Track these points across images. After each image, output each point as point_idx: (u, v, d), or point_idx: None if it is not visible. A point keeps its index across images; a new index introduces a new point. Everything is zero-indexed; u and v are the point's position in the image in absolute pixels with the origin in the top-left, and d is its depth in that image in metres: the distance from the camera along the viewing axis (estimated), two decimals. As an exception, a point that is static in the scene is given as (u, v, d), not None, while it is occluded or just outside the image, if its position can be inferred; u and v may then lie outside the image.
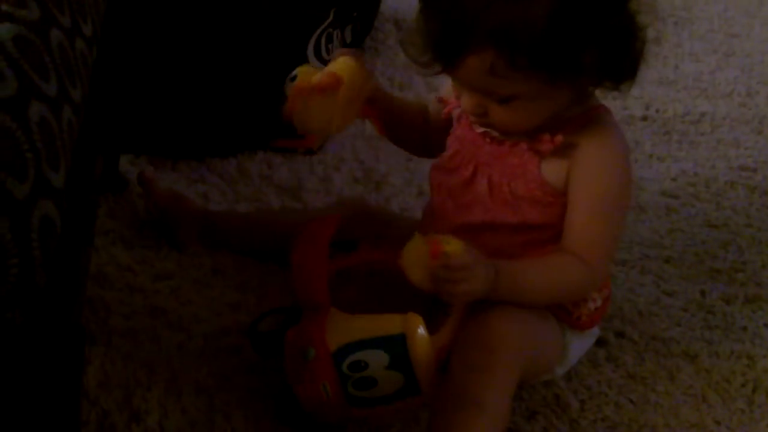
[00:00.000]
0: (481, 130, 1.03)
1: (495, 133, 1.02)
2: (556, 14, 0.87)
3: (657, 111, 1.68)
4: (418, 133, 1.14)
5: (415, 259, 0.93)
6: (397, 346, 0.91)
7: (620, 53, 0.91)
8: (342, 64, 1.03)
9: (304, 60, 1.53)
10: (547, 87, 0.92)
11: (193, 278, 1.22)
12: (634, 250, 1.32)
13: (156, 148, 1.46)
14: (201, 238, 1.26)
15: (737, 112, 1.70)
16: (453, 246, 0.92)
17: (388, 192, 1.43)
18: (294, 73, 1.03)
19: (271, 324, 1.03)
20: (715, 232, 1.38)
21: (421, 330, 0.92)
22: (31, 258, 0.62)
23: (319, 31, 1.56)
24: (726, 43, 1.99)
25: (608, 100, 1.03)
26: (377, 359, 0.92)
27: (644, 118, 1.66)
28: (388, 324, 0.93)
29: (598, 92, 1.01)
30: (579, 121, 0.99)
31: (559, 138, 0.97)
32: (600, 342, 1.14)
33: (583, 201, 0.99)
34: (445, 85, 1.08)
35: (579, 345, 1.09)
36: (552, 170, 0.99)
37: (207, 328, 1.14)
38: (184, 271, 1.23)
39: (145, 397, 1.04)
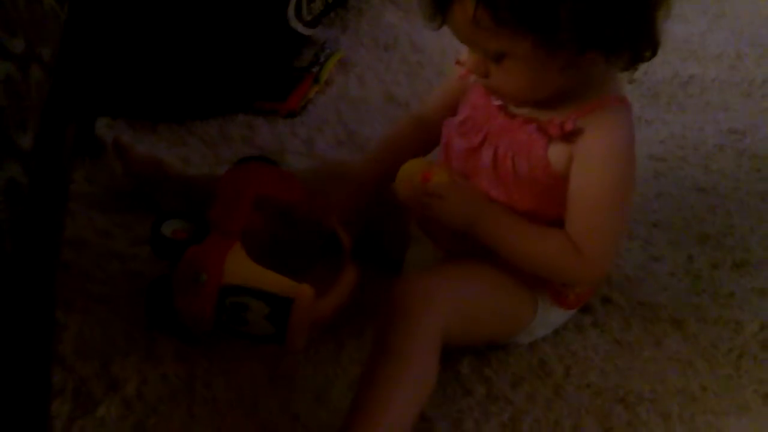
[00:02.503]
0: (497, 102, 1.01)
1: (510, 108, 1.00)
2: None
3: (645, 73, 1.65)
4: (425, 143, 1.14)
5: (406, 177, 1.03)
6: (282, 306, 0.98)
7: (606, 20, 0.87)
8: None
9: (284, 22, 1.50)
10: (538, 50, 0.89)
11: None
12: (621, 215, 1.30)
13: (135, 110, 1.43)
14: (180, 203, 1.23)
15: (726, 75, 1.68)
16: (439, 177, 1.02)
17: (371, 155, 1.40)
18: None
19: (176, 230, 1.08)
20: (703, 195, 1.36)
21: (308, 302, 0.99)
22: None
23: (301, -10, 1.53)
24: (716, 4, 1.96)
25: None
26: (259, 309, 0.99)
27: (632, 81, 1.63)
28: (282, 284, 1.00)
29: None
30: (590, 108, 0.96)
31: (570, 125, 0.95)
32: (586, 308, 1.13)
33: (584, 193, 0.98)
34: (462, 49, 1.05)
35: (554, 319, 1.09)
36: (557, 153, 0.97)
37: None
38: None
39: (123, 365, 1.03)
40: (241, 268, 1.01)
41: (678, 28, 1.83)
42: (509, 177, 0.99)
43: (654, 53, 0.94)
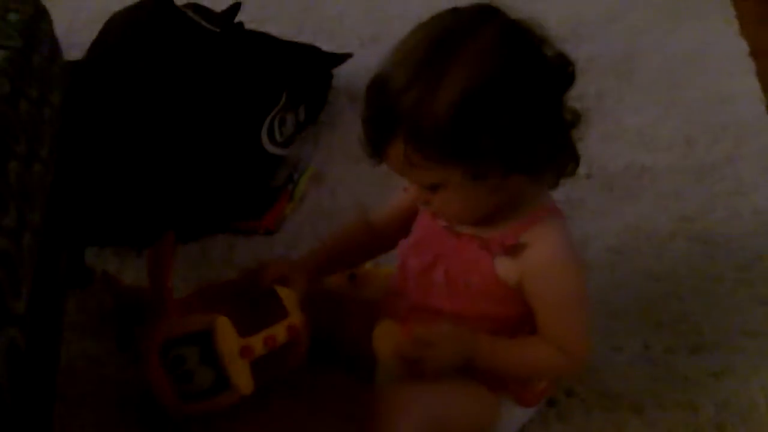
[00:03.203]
0: (443, 223, 1.09)
1: (455, 227, 1.08)
2: (455, 108, 0.92)
3: (600, 168, 1.73)
4: (371, 247, 1.23)
5: (386, 338, 1.07)
6: (205, 340, 1.07)
7: (525, 146, 0.95)
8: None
9: (258, 145, 1.60)
10: (467, 178, 0.97)
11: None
12: (581, 308, 1.38)
13: (120, 238, 1.52)
14: None
15: (678, 162, 1.75)
16: (419, 328, 1.05)
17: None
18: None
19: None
20: (657, 283, 1.43)
21: (225, 328, 1.08)
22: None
23: (272, 114, 1.63)
24: (668, 91, 2.03)
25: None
26: (192, 354, 1.08)
27: (588, 176, 1.70)
28: (199, 322, 1.09)
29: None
30: (527, 223, 1.05)
31: (510, 241, 1.04)
32: (550, 401, 1.20)
33: (546, 302, 1.05)
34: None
35: (519, 417, 1.16)
36: (505, 268, 1.05)
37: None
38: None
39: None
40: (169, 325, 1.12)
41: (631, 120, 1.90)
42: (462, 291, 1.07)
43: (576, 166, 1.03)
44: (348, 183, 1.70)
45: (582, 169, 1.65)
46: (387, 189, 1.65)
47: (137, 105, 1.49)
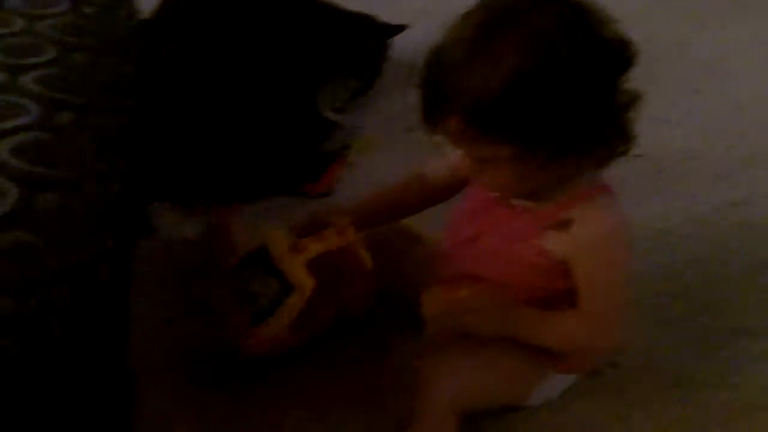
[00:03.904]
0: (495, 194, 1.11)
1: (506, 199, 1.10)
2: (511, 85, 0.94)
3: (651, 148, 1.74)
4: (421, 199, 1.26)
5: (432, 301, 1.10)
6: (262, 255, 1.15)
7: (576, 128, 0.97)
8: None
9: (315, 110, 1.64)
10: (517, 155, 0.99)
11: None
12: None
13: (180, 196, 1.56)
14: None
15: (727, 150, 1.75)
16: (464, 292, 1.09)
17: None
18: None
19: None
20: (703, 267, 1.45)
21: (276, 235, 1.16)
22: (88, 315, 0.73)
23: (329, 80, 1.67)
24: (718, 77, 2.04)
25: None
26: (255, 273, 1.16)
27: (636, 157, 1.72)
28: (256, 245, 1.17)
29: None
30: (578, 199, 1.07)
31: (560, 215, 1.06)
32: (595, 372, 1.23)
33: (593, 278, 1.08)
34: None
35: (559, 383, 1.19)
36: (553, 241, 1.07)
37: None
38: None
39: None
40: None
41: (684, 103, 1.91)
42: (510, 262, 1.10)
43: (628, 149, 1.04)
44: (400, 150, 1.72)
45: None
46: (438, 157, 1.72)
47: (200, 68, 1.53)
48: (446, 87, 0.98)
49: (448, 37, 1.00)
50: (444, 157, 1.23)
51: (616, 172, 1.09)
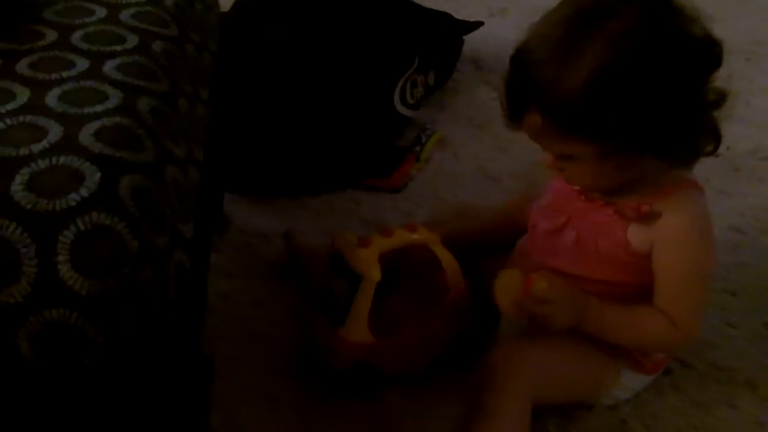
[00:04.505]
0: (577, 188, 1.12)
1: (589, 192, 1.11)
2: (593, 83, 0.94)
3: (727, 148, 1.73)
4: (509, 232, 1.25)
5: (506, 290, 1.09)
6: (336, 260, 1.16)
7: (655, 127, 0.97)
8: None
9: (390, 105, 1.65)
10: (597, 152, 1.00)
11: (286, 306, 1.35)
12: (700, 284, 1.39)
13: (255, 187, 1.59)
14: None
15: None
16: (541, 284, 1.06)
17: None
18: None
19: None
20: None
21: (345, 236, 1.17)
22: (167, 300, 0.75)
23: (405, 76, 1.68)
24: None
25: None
26: (332, 280, 1.17)
27: (714, 155, 1.71)
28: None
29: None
30: (666, 192, 1.06)
31: (645, 208, 1.05)
32: (665, 371, 1.22)
33: (671, 272, 1.07)
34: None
35: (635, 384, 1.18)
36: (637, 235, 1.07)
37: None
38: (282, 300, 1.36)
39: (245, 416, 1.16)
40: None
41: (761, 103, 1.90)
42: (591, 255, 1.10)
43: (716, 148, 1.03)
44: (471, 148, 1.74)
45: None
46: (509, 155, 1.72)
47: (280, 60, 1.56)
48: (529, 84, 0.99)
49: (534, 35, 1.01)
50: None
51: (695, 170, 1.09)
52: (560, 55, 0.96)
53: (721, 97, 1.01)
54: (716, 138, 1.02)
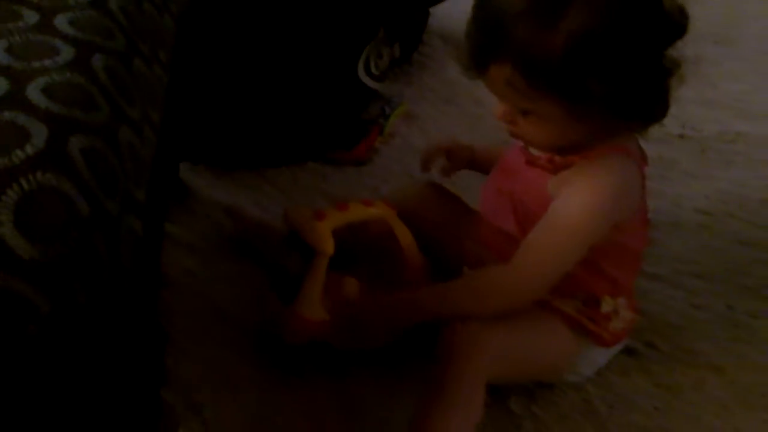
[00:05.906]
0: (521, 145, 1.10)
1: (530, 150, 1.09)
2: (571, 46, 0.93)
3: (693, 129, 1.73)
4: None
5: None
6: (291, 235, 1.13)
7: (630, 92, 0.97)
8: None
9: (354, 76, 1.62)
10: (563, 111, 0.98)
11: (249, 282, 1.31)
12: (666, 265, 1.38)
13: (213, 157, 1.55)
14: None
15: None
16: (349, 287, 1.14)
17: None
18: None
19: None
20: (746, 249, 1.43)
21: (297, 208, 1.15)
22: (120, 268, 0.71)
23: (369, 46, 1.64)
24: (766, 63, 2.02)
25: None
26: (284, 253, 1.14)
27: (681, 137, 1.71)
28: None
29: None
30: (594, 154, 1.05)
31: (557, 158, 1.05)
32: (630, 351, 1.21)
33: (550, 213, 1.04)
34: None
35: (595, 357, 1.16)
36: (554, 190, 1.05)
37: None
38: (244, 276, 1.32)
39: (204, 393, 1.11)
40: None
41: (728, 86, 1.90)
42: (523, 215, 1.09)
43: (664, 116, 1.02)
44: (438, 121, 1.72)
45: (675, 130, 1.73)
46: (477, 131, 1.70)
47: (240, 26, 1.51)
48: (502, 34, 0.96)
49: None
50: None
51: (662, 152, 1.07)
52: (541, 10, 0.95)
53: (675, 66, 1.00)
54: (665, 106, 1.02)
